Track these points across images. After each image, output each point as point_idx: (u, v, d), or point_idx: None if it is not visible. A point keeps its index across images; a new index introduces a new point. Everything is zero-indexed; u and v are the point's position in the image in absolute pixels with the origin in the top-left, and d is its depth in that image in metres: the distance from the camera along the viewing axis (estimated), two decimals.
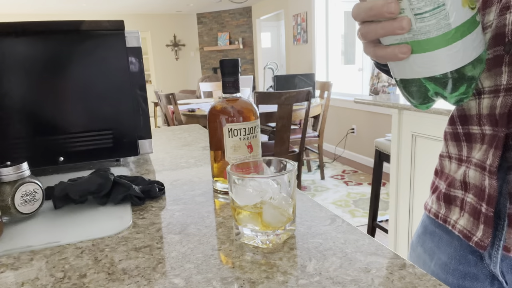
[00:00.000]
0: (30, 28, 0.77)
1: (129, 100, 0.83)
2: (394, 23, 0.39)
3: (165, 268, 0.43)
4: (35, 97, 0.78)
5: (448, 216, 0.56)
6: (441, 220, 0.57)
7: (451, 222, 0.55)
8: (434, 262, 0.58)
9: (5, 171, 0.55)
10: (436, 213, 0.58)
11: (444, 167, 0.58)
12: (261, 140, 0.66)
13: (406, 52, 0.40)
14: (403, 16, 0.38)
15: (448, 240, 0.56)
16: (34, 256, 0.47)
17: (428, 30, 0.38)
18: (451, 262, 0.55)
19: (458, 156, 0.55)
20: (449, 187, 0.55)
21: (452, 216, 0.55)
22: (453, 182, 0.54)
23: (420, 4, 0.38)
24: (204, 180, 0.73)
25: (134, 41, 0.82)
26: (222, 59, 0.63)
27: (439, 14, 0.37)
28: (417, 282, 0.39)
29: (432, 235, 0.59)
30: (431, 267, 0.59)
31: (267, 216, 0.47)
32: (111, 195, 0.61)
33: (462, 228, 0.52)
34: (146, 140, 0.88)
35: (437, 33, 0.38)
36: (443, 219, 0.56)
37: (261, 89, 7.56)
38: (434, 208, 0.58)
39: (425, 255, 0.60)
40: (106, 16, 8.26)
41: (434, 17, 0.38)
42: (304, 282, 0.39)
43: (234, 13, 8.09)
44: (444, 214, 0.56)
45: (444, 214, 0.56)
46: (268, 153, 2.74)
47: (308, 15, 5.19)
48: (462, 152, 0.54)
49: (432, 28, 0.38)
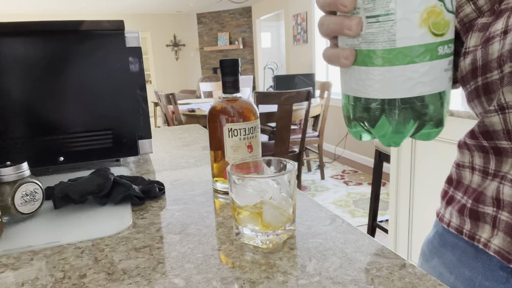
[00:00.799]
0: (30, 28, 0.77)
1: (129, 100, 0.83)
2: (345, 20, 0.34)
3: (165, 268, 0.43)
4: (35, 97, 0.78)
5: (475, 233, 0.52)
6: (467, 236, 0.54)
7: (482, 240, 0.51)
8: (454, 276, 0.56)
9: (5, 171, 0.55)
10: (458, 229, 0.55)
11: (462, 178, 0.56)
12: (261, 140, 0.66)
13: (348, 57, 0.35)
14: (355, 15, 0.33)
15: (474, 254, 0.53)
16: (34, 256, 0.47)
17: (373, 39, 0.33)
18: (477, 277, 0.52)
19: (483, 169, 0.51)
20: (476, 202, 0.51)
21: (482, 234, 0.51)
22: (481, 198, 0.51)
23: (370, 4, 0.32)
24: (204, 180, 0.73)
25: (134, 41, 0.82)
26: (222, 59, 0.63)
27: (386, 23, 0.32)
28: (417, 282, 0.39)
29: (454, 248, 0.56)
30: (450, 280, 0.56)
31: (267, 216, 0.47)
32: (111, 195, 0.61)
33: (499, 249, 0.49)
34: (146, 140, 0.88)
35: (379, 46, 0.32)
36: (470, 236, 0.53)
37: (261, 89, 7.56)
38: (455, 223, 0.55)
39: (443, 267, 0.58)
40: (106, 16, 8.26)
41: (381, 26, 0.32)
42: (304, 282, 0.39)
43: (234, 13, 8.09)
44: (470, 230, 0.53)
45: (470, 230, 0.53)
46: (268, 153, 2.74)
47: (308, 15, 5.19)
48: (489, 165, 0.50)
49: (377, 38, 0.32)
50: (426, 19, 0.31)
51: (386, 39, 0.32)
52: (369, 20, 0.33)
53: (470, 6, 0.48)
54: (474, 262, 0.53)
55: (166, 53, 8.85)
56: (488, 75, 0.46)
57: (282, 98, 2.53)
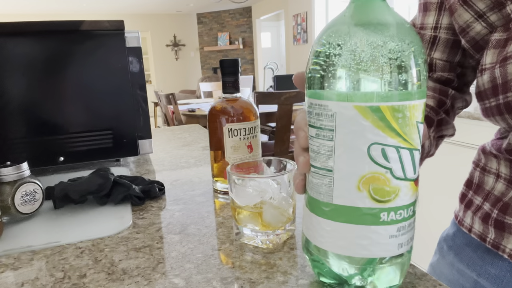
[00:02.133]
0: (30, 28, 0.77)
1: (129, 100, 0.83)
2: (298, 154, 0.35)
3: (165, 268, 0.43)
4: (35, 97, 0.78)
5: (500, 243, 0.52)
6: (490, 245, 0.54)
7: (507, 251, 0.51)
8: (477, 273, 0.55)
9: (5, 171, 0.55)
10: (482, 236, 0.55)
11: (484, 183, 0.55)
12: (261, 140, 0.66)
13: (299, 189, 0.37)
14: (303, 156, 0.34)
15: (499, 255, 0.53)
16: (34, 256, 0.47)
17: (316, 189, 0.33)
18: (506, 275, 0.52)
19: (510, 178, 0.51)
20: (503, 213, 0.51)
21: (507, 244, 0.51)
22: (508, 209, 0.51)
23: (313, 154, 0.33)
24: (204, 180, 0.73)
25: (134, 41, 0.82)
26: (222, 59, 0.63)
27: (325, 177, 0.32)
28: (417, 282, 0.38)
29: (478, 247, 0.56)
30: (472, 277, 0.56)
31: (267, 216, 0.47)
32: (111, 195, 0.61)
33: None
34: (146, 140, 0.88)
35: (320, 197, 0.33)
36: (494, 245, 0.53)
37: (261, 89, 7.56)
38: (478, 230, 0.55)
39: (462, 264, 0.58)
40: (106, 16, 8.26)
41: (321, 178, 0.33)
42: (304, 282, 0.39)
43: (234, 13, 8.09)
44: (495, 239, 0.53)
45: (494, 239, 0.53)
46: (268, 153, 2.74)
47: (308, 15, 5.19)
48: None
49: (319, 188, 0.33)
50: (365, 183, 0.31)
51: (325, 192, 0.32)
52: (312, 169, 0.33)
53: (480, 24, 0.48)
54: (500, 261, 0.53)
55: (166, 53, 8.85)
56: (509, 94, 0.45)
57: (282, 98, 2.52)
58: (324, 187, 0.32)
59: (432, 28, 0.56)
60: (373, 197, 0.31)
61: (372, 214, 0.31)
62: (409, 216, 0.33)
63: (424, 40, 0.57)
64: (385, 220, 0.31)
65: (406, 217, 0.32)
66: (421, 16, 0.58)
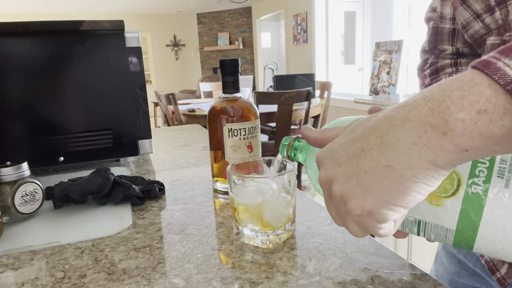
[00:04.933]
0: (30, 28, 0.77)
1: (129, 100, 0.83)
2: None
3: (165, 268, 0.43)
4: (35, 97, 0.78)
5: None
6: None
7: None
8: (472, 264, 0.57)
9: (5, 171, 0.55)
10: None
11: None
12: (261, 140, 0.66)
13: None
14: None
15: None
16: (34, 256, 0.47)
17: None
18: None
19: None
20: None
21: None
22: None
23: None
24: (204, 180, 0.73)
25: (134, 41, 0.82)
26: (222, 59, 0.63)
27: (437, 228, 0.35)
28: (417, 282, 0.39)
29: None
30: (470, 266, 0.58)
31: (267, 216, 0.47)
32: (111, 195, 0.61)
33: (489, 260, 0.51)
34: (146, 140, 0.88)
35: None
36: None
37: (261, 89, 7.55)
38: None
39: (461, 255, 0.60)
40: (106, 16, 8.26)
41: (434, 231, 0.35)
42: (304, 282, 0.39)
43: (234, 13, 8.09)
44: None
45: None
46: (268, 153, 2.74)
47: (308, 15, 5.19)
48: None
49: None
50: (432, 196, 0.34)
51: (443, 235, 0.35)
52: None
53: (478, 24, 0.49)
54: None
55: (166, 53, 8.85)
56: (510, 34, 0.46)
57: (282, 98, 2.52)
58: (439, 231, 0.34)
59: (451, 20, 0.57)
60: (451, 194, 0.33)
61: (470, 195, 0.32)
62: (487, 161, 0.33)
63: (444, 33, 0.59)
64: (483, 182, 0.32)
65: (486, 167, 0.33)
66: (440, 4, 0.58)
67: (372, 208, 0.29)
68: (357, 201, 0.30)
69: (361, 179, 0.30)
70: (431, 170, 0.27)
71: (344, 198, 0.31)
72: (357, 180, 0.30)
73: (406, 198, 0.29)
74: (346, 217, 0.32)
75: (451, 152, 0.26)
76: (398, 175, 0.28)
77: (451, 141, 0.26)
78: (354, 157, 0.30)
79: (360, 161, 0.30)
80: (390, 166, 0.28)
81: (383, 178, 0.28)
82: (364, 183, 0.29)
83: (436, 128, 0.26)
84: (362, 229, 0.32)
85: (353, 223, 0.32)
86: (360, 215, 0.30)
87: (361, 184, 0.30)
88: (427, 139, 0.26)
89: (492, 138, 0.25)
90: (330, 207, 0.34)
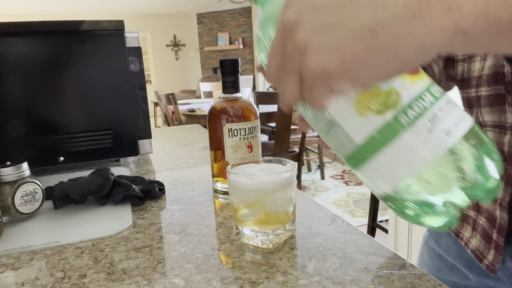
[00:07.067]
0: (30, 28, 0.77)
1: (129, 100, 0.83)
2: None
3: (165, 268, 0.43)
4: (35, 97, 0.78)
5: (460, 231, 0.58)
6: (453, 233, 0.60)
7: (464, 239, 0.57)
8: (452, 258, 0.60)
9: (5, 171, 0.55)
10: None
11: None
12: (261, 140, 0.66)
13: None
14: None
15: None
16: (34, 256, 0.47)
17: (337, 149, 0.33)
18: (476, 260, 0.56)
19: None
20: None
21: (465, 233, 0.57)
22: None
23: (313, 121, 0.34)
24: (204, 180, 0.73)
25: (134, 41, 0.82)
26: (222, 59, 0.63)
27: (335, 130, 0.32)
28: (417, 282, 0.39)
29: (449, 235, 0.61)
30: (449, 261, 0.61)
31: (267, 216, 0.47)
32: (111, 195, 0.61)
33: (475, 249, 0.54)
34: (146, 140, 0.88)
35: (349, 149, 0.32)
36: (455, 233, 0.59)
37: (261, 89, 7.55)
38: None
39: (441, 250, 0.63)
40: (106, 16, 8.25)
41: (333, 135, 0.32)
42: (304, 282, 0.39)
43: (234, 13, 8.09)
44: (456, 228, 0.59)
45: (456, 228, 0.59)
46: (268, 153, 2.73)
47: None
48: None
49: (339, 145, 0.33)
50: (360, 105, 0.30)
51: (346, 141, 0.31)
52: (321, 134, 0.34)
53: None
54: None
55: (166, 53, 8.85)
56: (468, 91, 0.50)
57: None
58: (342, 138, 0.31)
59: None
60: (378, 110, 0.29)
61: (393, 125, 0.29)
62: (431, 102, 0.29)
63: None
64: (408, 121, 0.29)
65: (427, 106, 0.29)
66: None
67: (333, 70, 0.25)
68: (320, 57, 0.25)
69: (336, 33, 0.25)
70: (413, 51, 0.24)
71: (306, 49, 0.26)
72: (331, 33, 0.25)
73: (372, 73, 0.26)
74: (292, 72, 0.27)
75: (447, 33, 0.23)
76: (379, 43, 0.24)
77: (453, 20, 0.23)
78: (337, 6, 0.25)
79: (343, 13, 0.25)
80: (375, 31, 0.24)
81: (361, 40, 0.25)
82: (338, 38, 0.25)
83: (443, 1, 0.23)
84: (303, 92, 0.28)
85: (295, 82, 0.28)
86: (316, 74, 0.26)
87: (334, 38, 0.25)
88: (428, 12, 0.23)
89: (496, 25, 0.22)
90: (276, 54, 0.28)
